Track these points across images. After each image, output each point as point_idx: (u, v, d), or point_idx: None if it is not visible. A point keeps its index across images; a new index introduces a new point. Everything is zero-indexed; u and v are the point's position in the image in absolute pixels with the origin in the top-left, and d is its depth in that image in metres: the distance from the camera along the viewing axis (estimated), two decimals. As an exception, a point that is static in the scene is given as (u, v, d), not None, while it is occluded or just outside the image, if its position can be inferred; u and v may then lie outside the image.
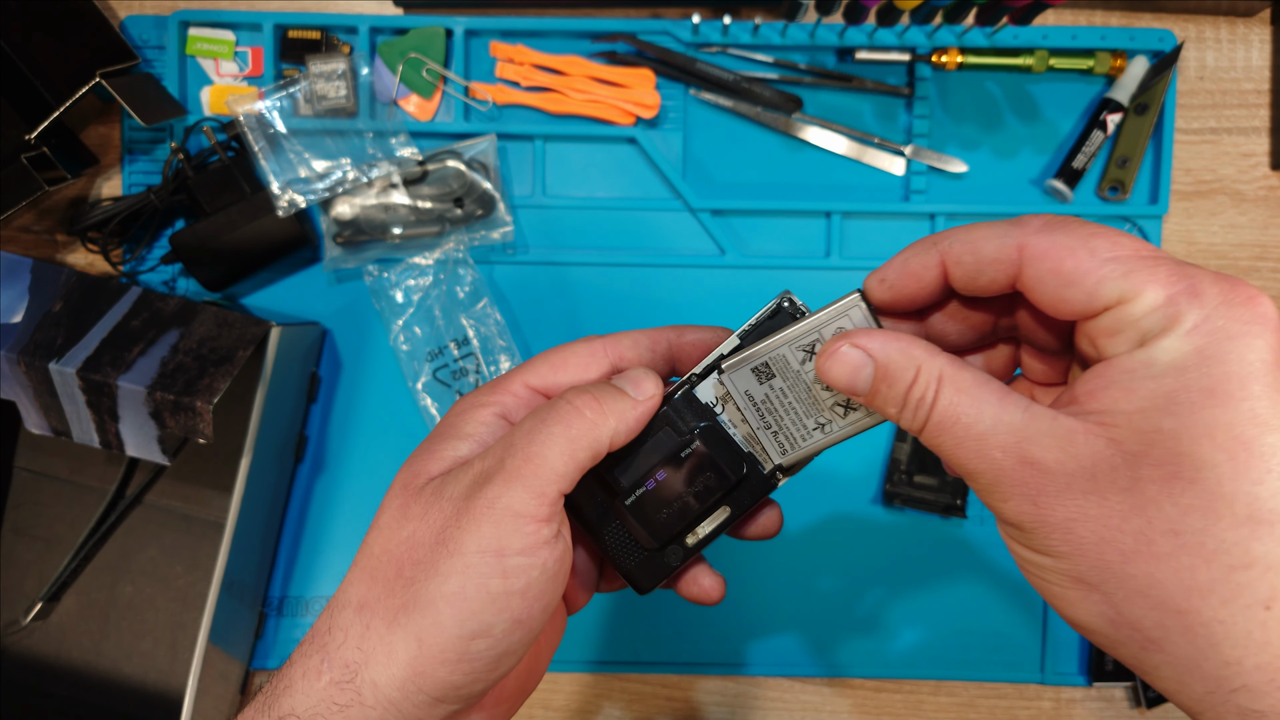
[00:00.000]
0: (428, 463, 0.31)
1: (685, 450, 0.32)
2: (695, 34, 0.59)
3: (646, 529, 0.32)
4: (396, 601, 0.28)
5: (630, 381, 0.31)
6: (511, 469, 0.29)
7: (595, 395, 0.30)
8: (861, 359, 0.28)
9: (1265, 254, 0.61)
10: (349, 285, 0.61)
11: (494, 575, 0.28)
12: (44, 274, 0.56)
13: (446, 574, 0.28)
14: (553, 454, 0.29)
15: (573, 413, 0.30)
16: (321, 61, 0.58)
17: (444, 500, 0.29)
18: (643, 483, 0.32)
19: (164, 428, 0.51)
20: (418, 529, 0.29)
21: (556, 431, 0.29)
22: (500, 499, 0.28)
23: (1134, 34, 0.59)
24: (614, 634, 0.61)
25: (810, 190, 0.61)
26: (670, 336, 0.34)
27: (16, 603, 0.60)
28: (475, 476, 0.29)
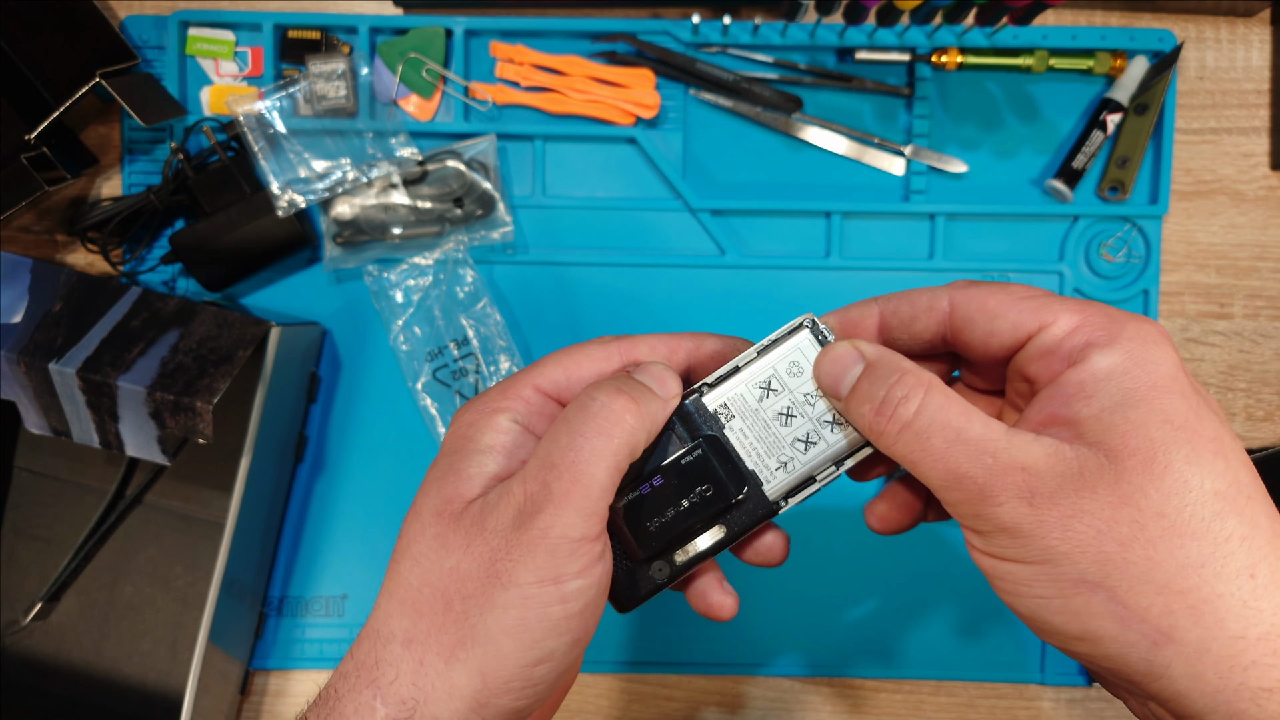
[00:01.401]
0: (458, 485, 0.29)
1: (686, 457, 0.31)
2: (695, 34, 0.59)
3: (635, 536, 0.31)
4: (450, 637, 0.27)
5: (655, 378, 0.30)
6: (560, 493, 0.27)
7: (631, 395, 0.29)
8: (853, 357, 0.30)
9: (1265, 254, 0.61)
10: (349, 285, 0.61)
11: (554, 603, 0.27)
12: (44, 274, 0.56)
13: (504, 606, 0.27)
14: (599, 470, 0.28)
15: (612, 419, 0.28)
16: (321, 61, 0.58)
17: (488, 532, 0.28)
18: (638, 485, 0.31)
19: (164, 428, 0.51)
20: (462, 561, 0.28)
21: (599, 444, 0.28)
22: (554, 528, 0.27)
23: (1134, 34, 0.59)
24: (614, 634, 0.61)
25: (810, 190, 0.61)
26: (689, 345, 0.33)
27: (16, 603, 0.60)
28: (520, 504, 0.28)
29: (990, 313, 0.30)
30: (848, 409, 0.30)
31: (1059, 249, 0.61)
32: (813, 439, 0.31)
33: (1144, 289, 0.61)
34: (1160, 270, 0.61)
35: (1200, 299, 0.61)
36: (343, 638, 0.61)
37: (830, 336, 0.31)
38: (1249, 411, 0.62)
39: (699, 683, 0.62)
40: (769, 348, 0.32)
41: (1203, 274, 0.61)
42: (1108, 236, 0.60)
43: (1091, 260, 0.61)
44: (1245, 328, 0.62)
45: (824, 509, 0.61)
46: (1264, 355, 0.62)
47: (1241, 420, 0.62)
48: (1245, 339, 0.62)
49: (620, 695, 0.62)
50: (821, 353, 0.31)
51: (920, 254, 0.61)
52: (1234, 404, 0.62)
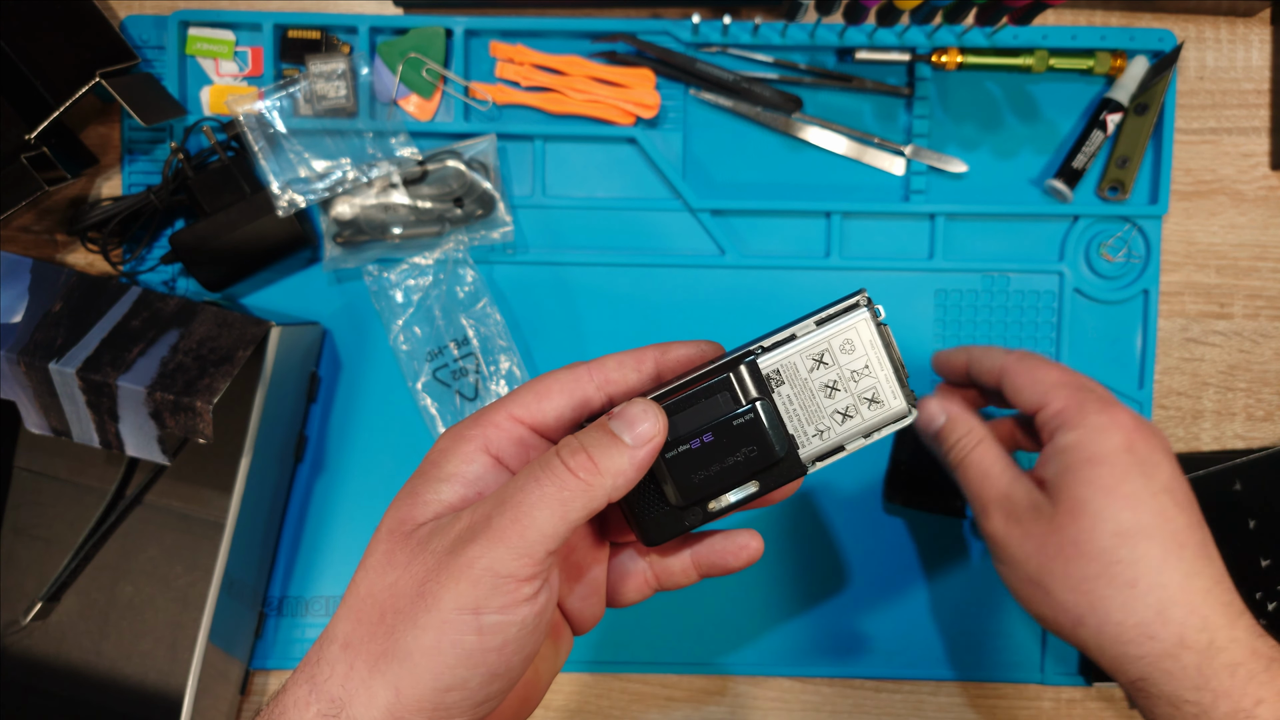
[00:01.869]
0: (413, 508, 0.31)
1: (738, 419, 0.32)
2: (695, 34, 0.59)
3: (678, 486, 0.32)
4: (378, 647, 0.29)
5: (625, 424, 0.30)
6: (498, 528, 0.28)
7: (590, 452, 0.30)
8: (938, 410, 0.49)
9: (1265, 254, 0.61)
10: (349, 285, 0.61)
11: (469, 632, 0.28)
12: (44, 274, 0.56)
13: (424, 627, 0.28)
14: (542, 517, 0.28)
15: (566, 474, 0.29)
16: (321, 61, 0.58)
17: (427, 553, 0.29)
18: (688, 440, 0.32)
19: (164, 428, 0.51)
20: (400, 578, 0.29)
21: (549, 492, 0.29)
22: (481, 559, 0.28)
23: (1134, 34, 0.59)
24: (614, 634, 0.61)
25: (810, 190, 0.61)
26: (655, 355, 0.34)
27: (16, 603, 0.60)
28: (461, 531, 0.29)
29: (1016, 387, 0.46)
30: (933, 442, 0.49)
31: (1059, 249, 0.61)
32: (850, 413, 0.33)
33: (1144, 289, 0.61)
34: (1160, 270, 0.61)
35: (1200, 299, 0.61)
36: (343, 638, 0.61)
37: (882, 313, 0.34)
38: (1249, 411, 0.62)
39: (699, 683, 0.62)
40: (826, 321, 0.33)
41: (1203, 274, 0.61)
42: (1108, 236, 0.60)
43: (1091, 260, 0.61)
44: (1245, 328, 0.62)
45: (824, 511, 0.61)
46: (1264, 355, 0.62)
47: (1241, 420, 0.62)
48: (1245, 339, 0.62)
49: (620, 695, 0.62)
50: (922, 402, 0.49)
51: (920, 254, 0.61)
52: (1234, 404, 0.62)
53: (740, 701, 0.62)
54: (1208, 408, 0.62)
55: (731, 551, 0.36)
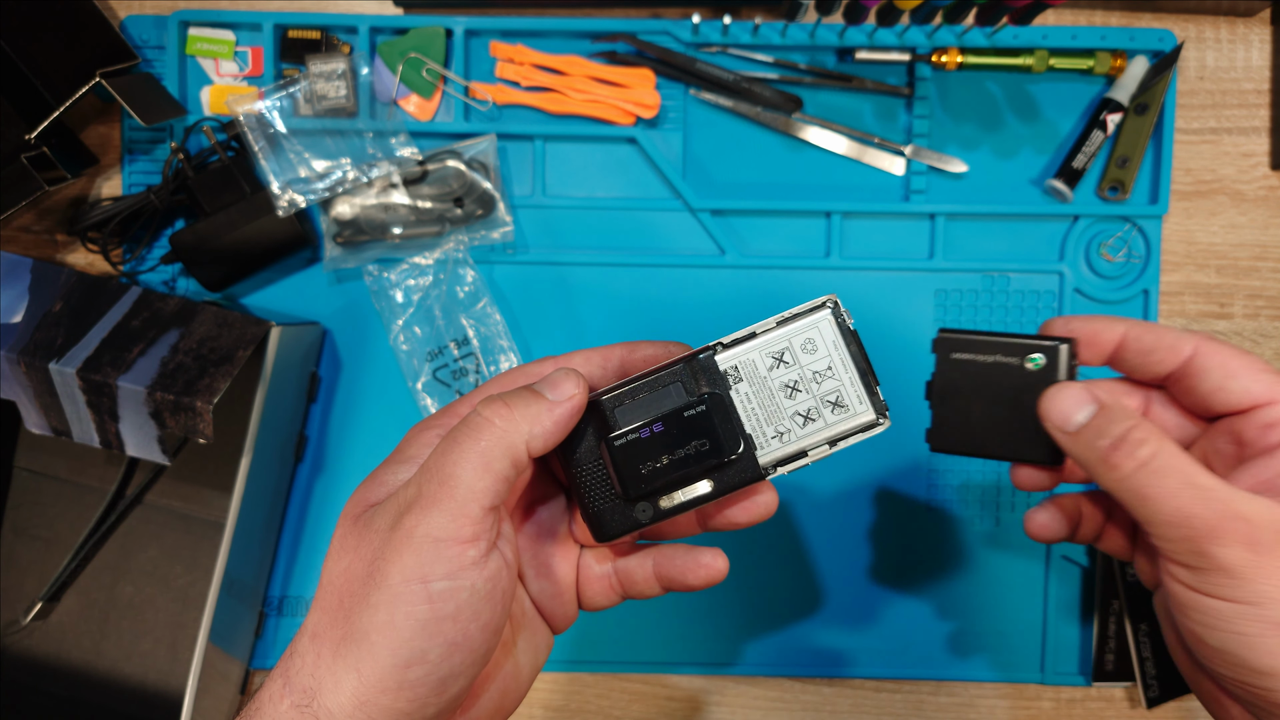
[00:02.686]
0: (369, 490, 0.32)
1: (689, 410, 0.32)
2: (695, 34, 0.59)
3: (623, 476, 0.32)
4: (339, 633, 0.29)
5: (548, 384, 0.31)
6: (428, 494, 0.29)
7: (505, 400, 0.30)
8: (1086, 397, 0.34)
9: (1265, 254, 0.61)
10: (349, 285, 0.61)
11: (419, 602, 0.28)
12: (44, 274, 0.56)
13: (376, 605, 0.28)
14: (466, 472, 0.29)
15: (482, 424, 0.30)
16: (321, 61, 0.58)
17: (372, 532, 0.30)
18: (637, 429, 0.32)
19: (164, 428, 0.51)
20: (353, 562, 0.30)
21: (467, 447, 0.29)
22: (419, 527, 0.28)
23: (1134, 34, 0.59)
24: (613, 634, 0.61)
25: (810, 190, 0.61)
26: (621, 353, 0.34)
27: (16, 603, 0.60)
28: (398, 506, 0.30)
29: (1230, 372, 0.34)
30: (1074, 441, 0.34)
31: (1059, 249, 0.61)
32: (813, 415, 0.32)
33: (1144, 289, 0.61)
34: (1160, 270, 0.61)
35: (1200, 299, 0.61)
36: (343, 638, 0.61)
37: (849, 321, 0.32)
38: (1249, 411, 0.62)
39: (699, 682, 0.62)
40: (788, 320, 0.33)
41: (1203, 274, 0.61)
42: (1108, 236, 0.60)
43: (1092, 260, 0.61)
44: (1245, 328, 0.62)
45: (824, 511, 0.61)
46: (1264, 355, 0.61)
47: (1241, 420, 0.62)
48: (1245, 339, 0.62)
49: (620, 695, 0.62)
50: (1056, 388, 0.34)
51: (920, 254, 0.61)
52: (1234, 404, 0.62)
53: (740, 701, 0.62)
54: (1208, 408, 0.62)
55: (691, 568, 0.35)
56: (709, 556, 0.35)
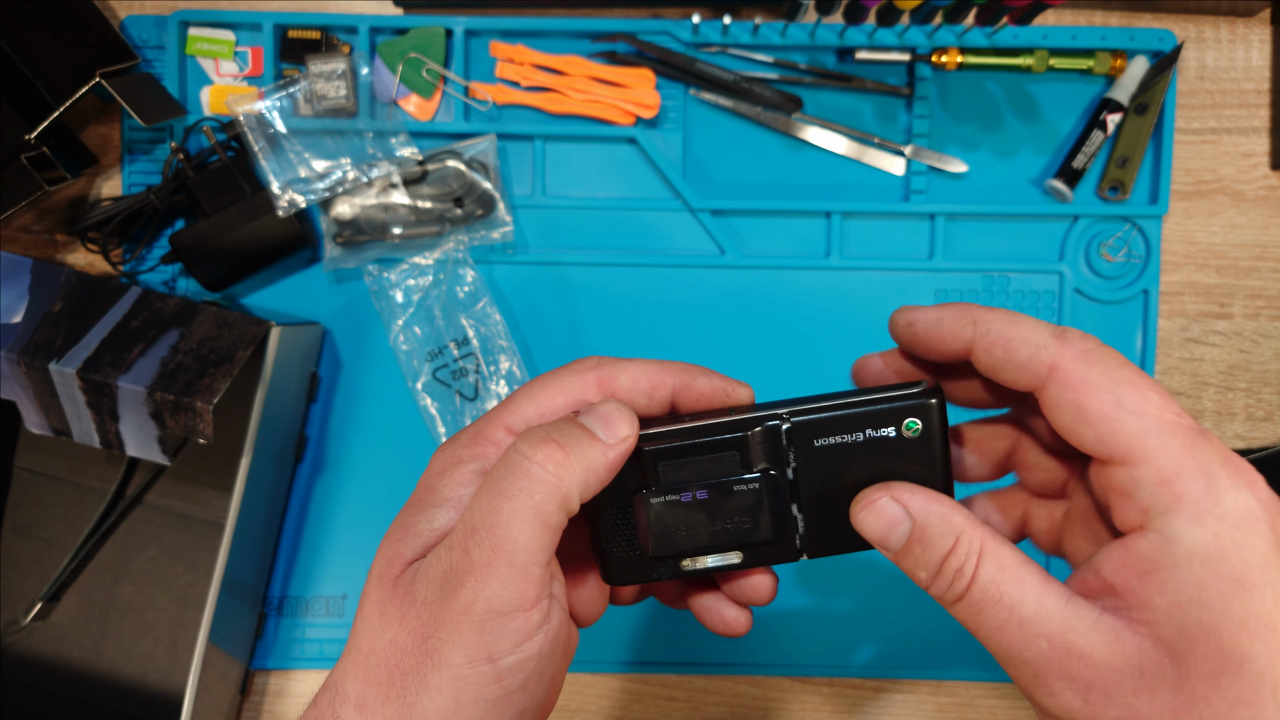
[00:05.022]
0: (401, 543, 0.28)
1: (740, 486, 0.29)
2: (695, 34, 0.59)
3: (655, 537, 0.29)
4: (393, 711, 0.26)
5: (601, 421, 0.27)
6: (481, 562, 0.26)
7: (559, 442, 0.26)
8: (899, 514, 0.27)
9: (1265, 254, 0.61)
10: (349, 285, 0.61)
11: (489, 683, 0.26)
12: (44, 274, 0.56)
13: (437, 689, 0.26)
14: (522, 533, 0.26)
15: (533, 472, 0.26)
16: (321, 61, 0.58)
17: (418, 604, 0.26)
18: (680, 491, 0.29)
19: (164, 428, 0.51)
20: (399, 634, 0.26)
21: (519, 502, 0.26)
22: (478, 603, 0.25)
23: (1134, 34, 0.59)
24: (613, 634, 0.61)
25: (810, 190, 0.61)
26: (674, 383, 0.30)
27: (16, 603, 0.60)
28: (444, 574, 0.26)
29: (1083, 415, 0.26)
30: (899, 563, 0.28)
31: (1059, 249, 0.61)
32: None
33: (1144, 289, 0.61)
34: (1160, 270, 0.61)
35: (1200, 299, 0.61)
36: (342, 638, 0.61)
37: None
38: (1249, 411, 0.62)
39: (699, 682, 0.62)
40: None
41: (1203, 274, 0.61)
42: (1108, 236, 0.60)
43: (1091, 260, 0.61)
44: (1245, 328, 0.62)
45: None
46: (1264, 355, 0.62)
47: (1242, 420, 0.62)
48: (1245, 339, 0.62)
49: (620, 695, 0.62)
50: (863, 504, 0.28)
51: (920, 254, 0.61)
52: (1234, 404, 0.62)
53: (740, 701, 0.62)
54: (1208, 408, 0.62)
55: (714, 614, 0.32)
56: (734, 613, 0.32)
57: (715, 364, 0.32)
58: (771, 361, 0.61)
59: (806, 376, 0.61)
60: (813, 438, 0.29)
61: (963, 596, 0.26)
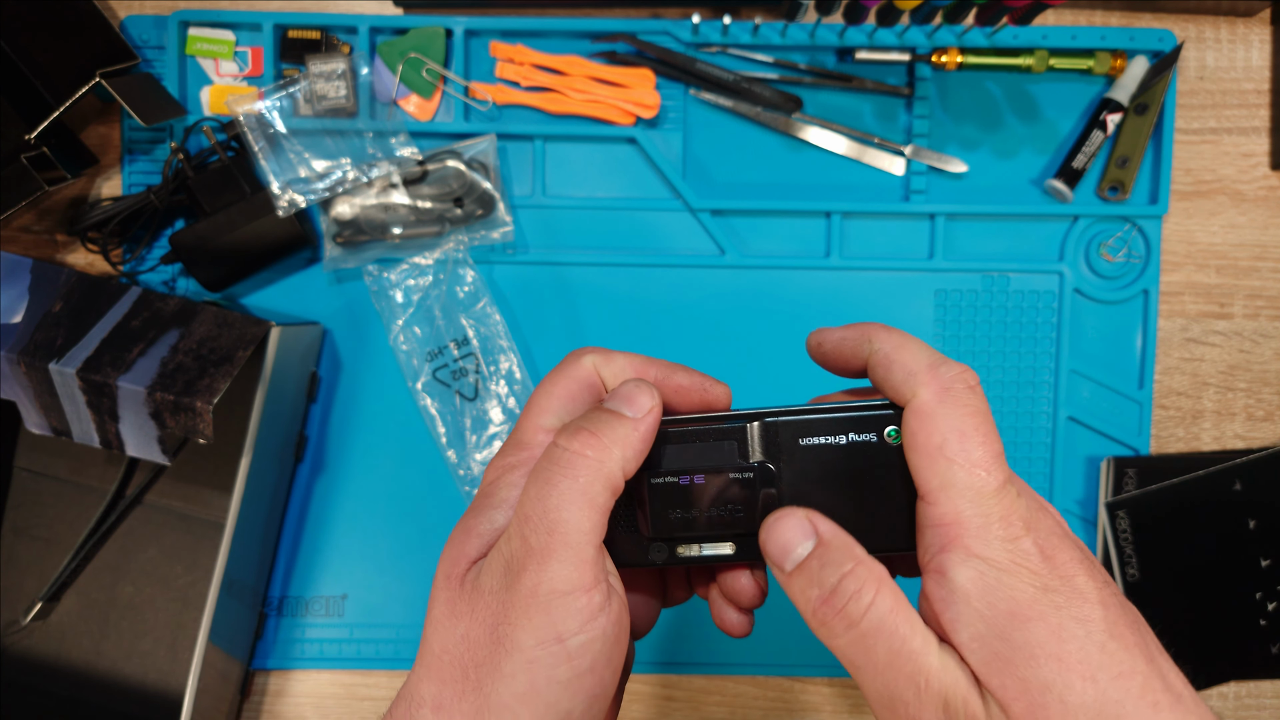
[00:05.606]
0: (464, 544, 0.30)
1: (736, 474, 0.30)
2: (695, 34, 0.59)
3: (652, 515, 0.30)
4: (470, 705, 0.27)
5: (625, 400, 0.29)
6: (539, 546, 0.27)
7: (592, 430, 0.28)
8: (806, 531, 0.28)
9: (1265, 254, 0.61)
10: (349, 285, 0.61)
11: (559, 663, 0.27)
12: (44, 274, 0.56)
13: (511, 674, 0.27)
14: (572, 514, 0.27)
15: (573, 458, 0.28)
16: (321, 61, 0.58)
17: (485, 595, 0.28)
18: (679, 474, 0.30)
19: (164, 428, 0.51)
20: (470, 628, 0.28)
21: (565, 487, 0.27)
22: (541, 585, 0.27)
23: (1134, 34, 0.59)
24: (614, 634, 0.61)
25: (810, 190, 0.61)
26: (656, 373, 0.32)
27: (16, 603, 0.60)
28: (506, 563, 0.28)
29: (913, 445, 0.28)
30: (789, 584, 0.28)
31: (1059, 249, 0.61)
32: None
33: (1144, 289, 0.61)
34: (1160, 270, 0.61)
35: (1200, 299, 0.61)
36: (343, 638, 0.61)
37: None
38: (1249, 411, 0.62)
39: (699, 682, 0.62)
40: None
41: (1203, 274, 0.61)
42: (1108, 236, 0.60)
43: (1091, 260, 0.61)
44: (1245, 328, 0.62)
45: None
46: (1264, 355, 0.62)
47: (1242, 420, 0.62)
48: (1245, 339, 0.62)
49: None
50: (773, 517, 0.29)
51: (920, 254, 0.61)
52: (1234, 404, 0.62)
53: (740, 701, 0.62)
54: (1208, 408, 0.62)
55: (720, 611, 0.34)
56: (734, 614, 0.33)
57: (715, 364, 0.32)
58: (771, 362, 0.61)
59: (806, 377, 0.61)
60: (798, 436, 0.30)
61: (856, 623, 0.26)
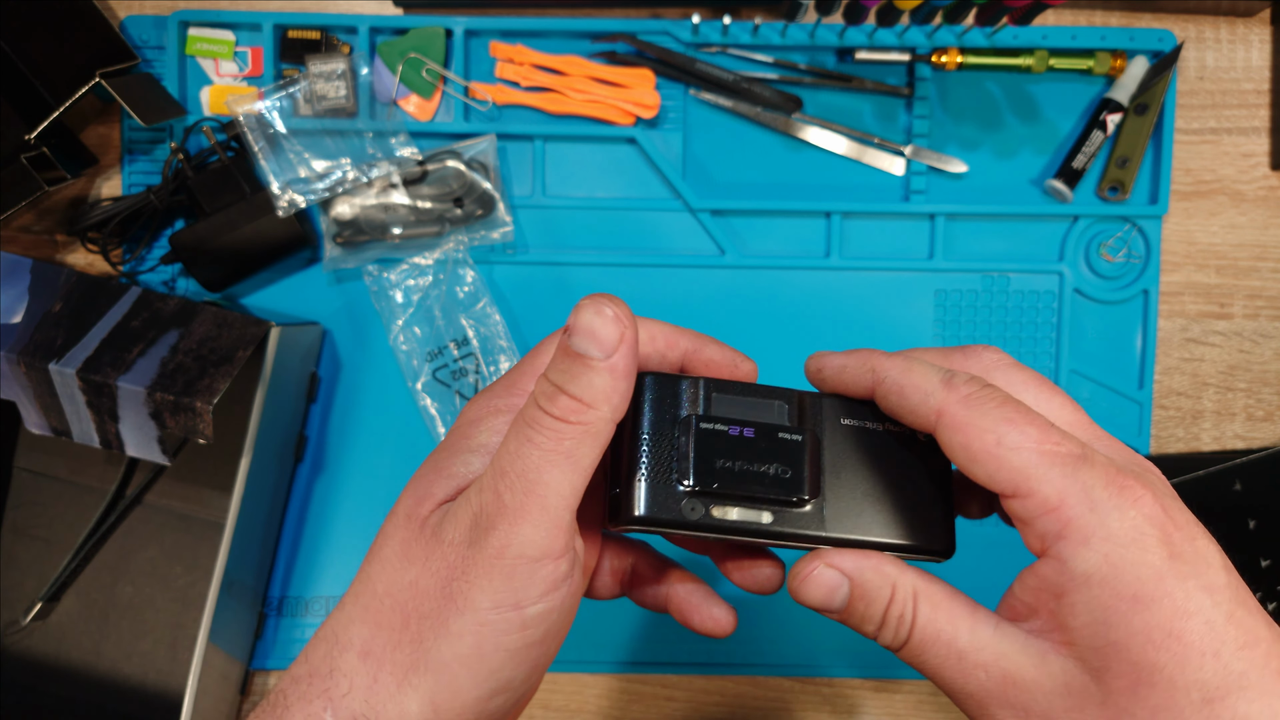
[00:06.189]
0: (433, 483, 0.27)
1: (785, 434, 0.28)
2: (695, 34, 0.59)
3: (698, 460, 0.28)
4: (405, 657, 0.26)
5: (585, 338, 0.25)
6: (513, 505, 0.25)
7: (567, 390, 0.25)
8: (837, 579, 0.28)
9: (1265, 254, 0.61)
10: (349, 285, 0.61)
11: (513, 630, 0.25)
12: (44, 274, 0.56)
13: (459, 633, 0.25)
14: (555, 476, 0.25)
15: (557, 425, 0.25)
16: (321, 61, 0.58)
17: (445, 545, 0.26)
18: (729, 425, 0.28)
19: (164, 428, 0.51)
20: (420, 576, 0.26)
21: (551, 447, 0.25)
22: (510, 546, 0.25)
23: (1134, 34, 0.59)
24: (613, 634, 0.61)
25: (810, 190, 0.61)
26: (688, 345, 0.31)
27: (16, 603, 0.60)
28: (474, 516, 0.26)
29: (970, 455, 0.27)
30: (846, 621, 0.29)
31: (1059, 249, 0.61)
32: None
33: (1144, 289, 0.61)
34: (1160, 270, 0.61)
35: (1200, 299, 0.61)
36: (343, 638, 0.61)
37: None
38: (1249, 412, 0.62)
39: (699, 683, 0.62)
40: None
41: (1203, 274, 0.61)
42: (1108, 236, 0.60)
43: (1091, 260, 0.61)
44: (1245, 328, 0.62)
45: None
46: (1264, 355, 0.62)
47: (1242, 420, 0.62)
48: (1245, 339, 0.62)
49: (620, 695, 0.62)
50: (799, 577, 0.28)
51: (920, 254, 0.61)
52: (1234, 404, 0.62)
53: (740, 702, 0.62)
54: (1208, 408, 0.62)
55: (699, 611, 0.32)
56: (722, 610, 0.32)
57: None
58: (771, 362, 0.60)
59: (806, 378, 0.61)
60: (840, 415, 0.29)
61: (907, 641, 0.27)
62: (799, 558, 0.29)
